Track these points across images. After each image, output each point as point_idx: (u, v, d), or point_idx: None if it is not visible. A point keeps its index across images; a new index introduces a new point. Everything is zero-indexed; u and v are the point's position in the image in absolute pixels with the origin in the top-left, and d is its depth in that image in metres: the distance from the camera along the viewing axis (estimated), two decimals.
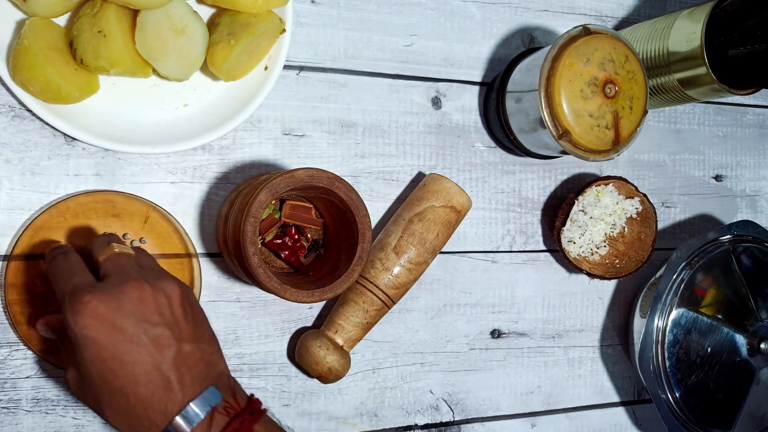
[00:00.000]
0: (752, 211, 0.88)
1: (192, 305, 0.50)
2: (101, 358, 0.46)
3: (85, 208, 0.60)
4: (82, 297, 0.46)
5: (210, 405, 0.47)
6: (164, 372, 0.46)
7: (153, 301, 0.48)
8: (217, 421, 0.47)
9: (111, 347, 0.46)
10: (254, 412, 0.48)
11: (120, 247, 0.51)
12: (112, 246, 0.51)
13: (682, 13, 0.69)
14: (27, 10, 0.57)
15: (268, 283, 0.55)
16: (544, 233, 0.78)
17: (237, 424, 0.47)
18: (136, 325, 0.46)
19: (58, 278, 0.50)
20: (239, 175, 0.66)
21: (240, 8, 0.60)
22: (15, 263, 0.58)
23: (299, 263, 0.64)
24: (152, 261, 0.53)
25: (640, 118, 0.67)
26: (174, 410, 0.46)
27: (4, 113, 0.60)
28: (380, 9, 0.71)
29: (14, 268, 0.58)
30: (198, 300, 0.62)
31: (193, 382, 0.47)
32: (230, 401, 0.48)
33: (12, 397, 0.60)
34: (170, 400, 0.46)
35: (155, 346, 0.46)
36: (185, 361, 0.47)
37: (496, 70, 0.75)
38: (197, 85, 0.64)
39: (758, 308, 0.79)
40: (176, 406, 0.46)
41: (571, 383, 0.79)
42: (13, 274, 0.58)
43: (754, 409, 0.79)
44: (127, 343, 0.46)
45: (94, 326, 0.45)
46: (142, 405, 0.46)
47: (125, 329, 0.46)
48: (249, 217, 0.54)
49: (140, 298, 0.47)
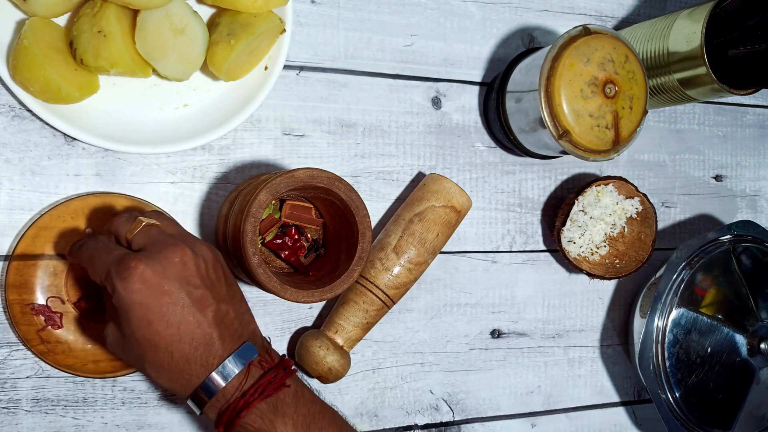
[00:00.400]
0: (752, 211, 0.88)
1: (224, 268, 0.53)
2: (148, 320, 0.49)
3: (89, 209, 0.60)
4: (128, 263, 0.49)
5: (247, 359, 0.51)
6: (206, 329, 0.50)
7: (194, 265, 0.50)
8: (252, 374, 0.51)
9: (158, 309, 0.49)
10: (287, 368, 0.52)
11: (147, 219, 0.53)
12: (140, 220, 0.53)
13: (682, 13, 0.69)
14: (27, 10, 0.57)
15: (268, 283, 0.55)
16: (544, 233, 0.78)
17: (271, 377, 0.51)
18: (180, 287, 0.49)
19: (95, 257, 0.51)
20: (239, 175, 0.66)
21: (240, 8, 0.60)
22: (16, 263, 0.58)
23: (299, 263, 0.64)
24: (179, 227, 0.55)
25: (640, 118, 0.67)
26: (214, 363, 0.50)
27: (4, 113, 0.60)
28: (380, 9, 0.71)
29: (15, 268, 0.58)
30: None
31: (232, 338, 0.51)
32: (265, 357, 0.52)
33: (12, 397, 0.60)
34: (211, 354, 0.50)
35: (197, 307, 0.50)
36: (223, 320, 0.51)
37: (496, 70, 0.75)
38: (197, 85, 0.64)
39: (758, 308, 0.79)
40: (216, 359, 0.50)
41: (571, 383, 0.79)
42: (15, 274, 0.58)
43: (754, 409, 0.79)
44: (173, 305, 0.49)
45: (142, 290, 0.48)
46: (185, 360, 0.50)
47: (171, 292, 0.49)
48: (249, 217, 0.54)
49: (182, 262, 0.50)
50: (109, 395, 0.63)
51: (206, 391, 0.50)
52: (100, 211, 0.60)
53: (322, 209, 0.65)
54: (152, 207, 0.62)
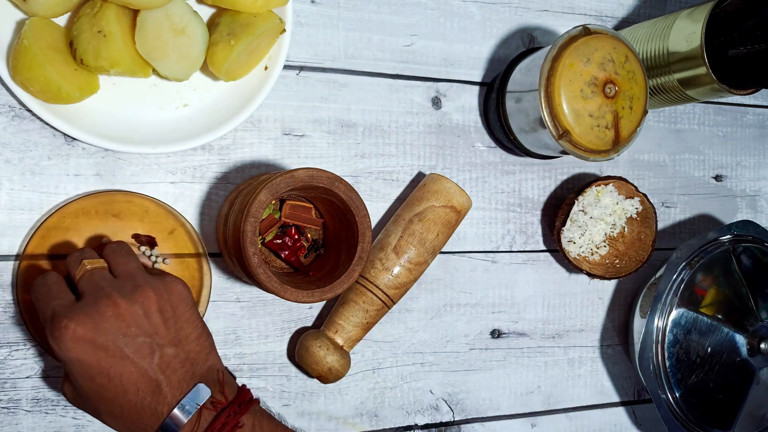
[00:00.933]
0: (752, 211, 0.88)
1: (174, 307, 0.52)
2: (89, 376, 0.48)
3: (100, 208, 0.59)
4: (60, 322, 0.48)
5: (197, 402, 0.49)
6: (151, 377, 0.49)
7: (129, 314, 0.49)
8: (205, 417, 0.49)
9: (96, 365, 0.48)
10: (242, 404, 0.50)
11: (92, 263, 0.52)
12: (84, 263, 0.52)
13: (682, 13, 0.69)
14: (27, 10, 0.57)
15: (268, 283, 0.55)
16: (544, 233, 0.78)
17: (224, 418, 0.49)
18: (116, 340, 0.48)
19: (39, 304, 0.52)
20: (239, 175, 0.66)
21: (240, 8, 0.60)
22: (26, 263, 0.58)
23: (299, 263, 0.64)
24: (131, 263, 0.54)
25: (640, 118, 0.67)
26: (164, 411, 0.48)
27: (4, 113, 0.60)
28: (380, 9, 0.71)
29: (25, 267, 0.58)
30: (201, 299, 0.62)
31: (181, 382, 0.49)
32: (218, 396, 0.50)
33: (12, 397, 0.60)
34: (159, 402, 0.49)
35: (138, 356, 0.49)
36: (170, 364, 0.49)
37: (496, 70, 0.75)
38: (197, 85, 0.64)
39: (758, 308, 0.79)
40: (165, 407, 0.48)
41: (571, 383, 0.79)
42: (24, 273, 0.58)
43: (754, 409, 0.79)
44: (110, 359, 0.48)
45: (76, 348, 0.48)
46: (135, 410, 0.49)
47: (106, 346, 0.48)
48: (249, 217, 0.54)
49: (115, 314, 0.49)
50: None
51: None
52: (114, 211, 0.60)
53: (322, 209, 0.65)
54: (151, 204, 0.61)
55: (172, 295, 0.52)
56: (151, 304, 0.50)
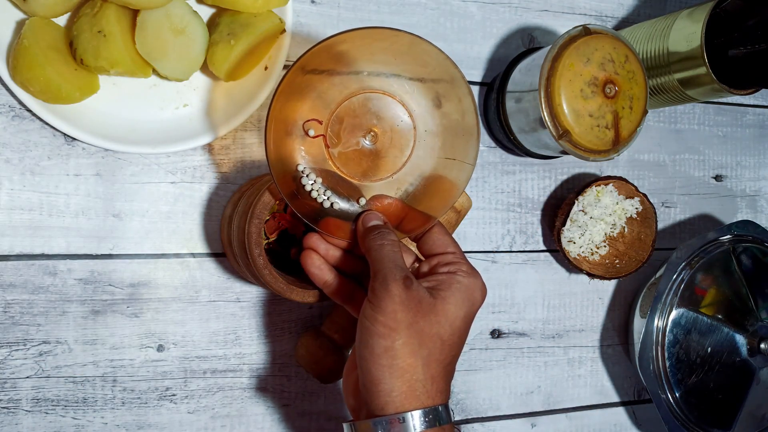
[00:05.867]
0: (752, 211, 0.88)
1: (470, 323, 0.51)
2: (371, 345, 0.47)
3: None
4: (386, 306, 0.47)
5: (438, 421, 0.47)
6: (439, 370, 0.48)
7: (447, 327, 0.49)
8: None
9: (390, 344, 0.47)
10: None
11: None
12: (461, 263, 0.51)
13: (682, 13, 0.69)
14: (27, 10, 0.57)
15: (274, 284, 0.55)
16: (544, 233, 0.78)
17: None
18: (422, 343, 0.48)
19: (378, 262, 0.50)
20: (239, 175, 0.66)
21: (240, 8, 0.60)
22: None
23: None
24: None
25: (640, 118, 0.67)
26: (427, 403, 0.47)
27: (4, 113, 0.60)
28: (380, 9, 0.71)
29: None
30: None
31: (444, 393, 0.49)
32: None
33: (12, 397, 0.60)
34: (430, 392, 0.47)
35: (424, 363, 0.48)
36: (449, 372, 0.49)
37: (496, 70, 0.75)
38: (197, 85, 0.64)
39: (758, 308, 0.79)
40: (430, 401, 0.47)
41: (571, 383, 0.79)
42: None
43: (754, 409, 0.79)
44: (402, 347, 0.47)
45: (381, 327, 0.47)
46: (400, 378, 0.47)
47: (409, 342, 0.47)
48: (253, 218, 0.54)
49: (438, 322, 0.48)
50: (109, 395, 0.63)
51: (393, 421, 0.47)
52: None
53: None
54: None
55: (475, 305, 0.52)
56: (457, 319, 0.50)
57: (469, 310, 0.50)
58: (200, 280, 0.65)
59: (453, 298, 0.49)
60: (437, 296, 0.49)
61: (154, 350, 0.64)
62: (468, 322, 0.50)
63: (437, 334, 0.48)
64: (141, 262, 0.64)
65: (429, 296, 0.49)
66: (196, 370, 0.65)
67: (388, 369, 0.47)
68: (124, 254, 0.63)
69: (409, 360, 0.47)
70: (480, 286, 0.51)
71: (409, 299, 0.47)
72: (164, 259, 0.64)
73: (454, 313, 0.49)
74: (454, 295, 0.50)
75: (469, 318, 0.50)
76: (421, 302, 0.48)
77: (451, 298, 0.49)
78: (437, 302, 0.49)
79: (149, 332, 0.64)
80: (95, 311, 0.62)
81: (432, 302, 0.48)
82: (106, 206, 0.63)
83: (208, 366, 0.66)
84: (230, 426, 0.67)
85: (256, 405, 0.67)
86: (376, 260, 0.50)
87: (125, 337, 0.63)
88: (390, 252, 0.50)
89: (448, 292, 0.50)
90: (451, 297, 0.49)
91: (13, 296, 0.60)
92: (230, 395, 0.66)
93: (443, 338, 0.48)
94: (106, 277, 0.63)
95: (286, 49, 0.63)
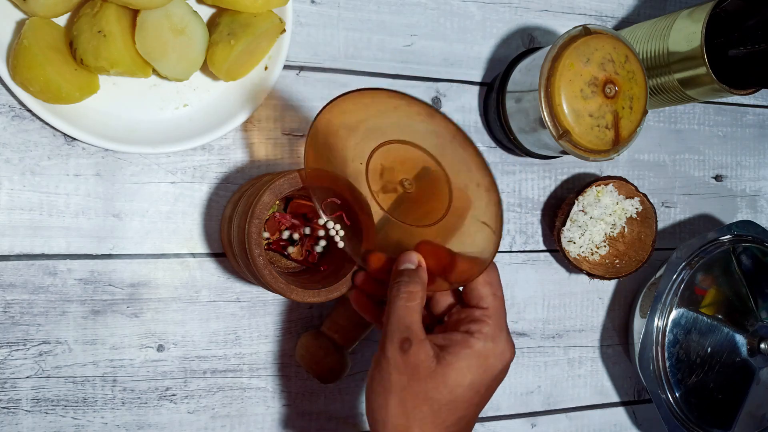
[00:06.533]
0: (752, 211, 0.88)
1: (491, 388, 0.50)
2: (370, 397, 0.48)
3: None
4: (383, 366, 0.47)
5: None
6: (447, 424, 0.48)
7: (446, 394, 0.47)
8: None
9: (383, 402, 0.47)
10: None
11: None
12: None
13: (682, 13, 0.69)
14: (27, 10, 0.57)
15: (274, 284, 0.55)
16: (544, 233, 0.78)
17: None
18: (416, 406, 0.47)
19: (387, 316, 0.49)
20: (239, 175, 0.66)
21: (240, 8, 0.60)
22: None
23: (307, 261, 0.64)
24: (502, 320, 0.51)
25: (640, 118, 0.67)
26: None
27: (4, 113, 0.60)
28: (380, 9, 0.71)
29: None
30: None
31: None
32: None
33: (12, 397, 0.60)
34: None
35: (419, 426, 0.47)
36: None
37: (496, 70, 0.75)
38: (197, 85, 0.64)
39: (758, 308, 0.79)
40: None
41: (571, 383, 0.79)
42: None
43: (754, 409, 0.79)
44: (395, 407, 0.47)
45: (377, 385, 0.47)
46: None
47: (402, 404, 0.47)
48: (253, 218, 0.54)
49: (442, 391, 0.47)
50: (109, 395, 0.63)
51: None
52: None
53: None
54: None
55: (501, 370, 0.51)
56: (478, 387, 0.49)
57: (479, 377, 0.48)
58: (200, 280, 0.65)
59: (458, 364, 0.47)
60: (442, 360, 0.47)
61: (154, 350, 0.64)
62: (475, 389, 0.48)
63: (434, 399, 0.47)
64: (141, 262, 0.64)
65: (431, 359, 0.47)
66: (196, 370, 0.65)
67: (383, 425, 0.47)
68: (124, 254, 0.63)
69: (400, 420, 0.46)
70: (499, 352, 0.48)
71: (405, 364, 0.46)
72: (164, 259, 0.64)
73: (456, 380, 0.47)
74: (460, 362, 0.47)
75: (478, 385, 0.48)
76: (418, 367, 0.46)
77: (456, 364, 0.47)
78: (438, 368, 0.47)
79: (149, 332, 0.64)
80: (95, 311, 0.62)
81: (431, 367, 0.47)
82: (106, 206, 0.63)
83: (208, 366, 0.66)
84: (230, 426, 0.67)
85: (256, 405, 0.67)
86: (387, 314, 0.49)
87: (125, 337, 0.63)
88: (399, 307, 0.48)
89: (455, 357, 0.47)
90: (456, 363, 0.47)
91: (13, 296, 0.60)
92: (230, 395, 0.66)
93: (441, 403, 0.47)
94: (106, 277, 0.63)
95: (286, 49, 0.63)
